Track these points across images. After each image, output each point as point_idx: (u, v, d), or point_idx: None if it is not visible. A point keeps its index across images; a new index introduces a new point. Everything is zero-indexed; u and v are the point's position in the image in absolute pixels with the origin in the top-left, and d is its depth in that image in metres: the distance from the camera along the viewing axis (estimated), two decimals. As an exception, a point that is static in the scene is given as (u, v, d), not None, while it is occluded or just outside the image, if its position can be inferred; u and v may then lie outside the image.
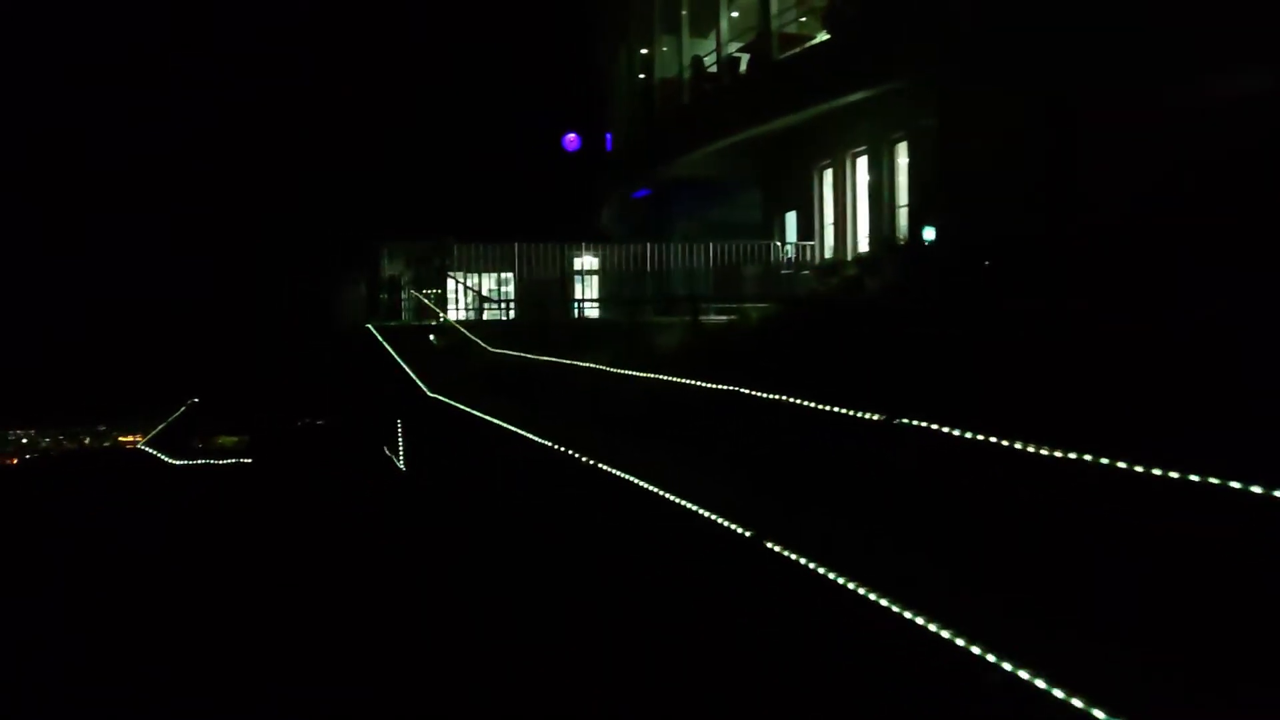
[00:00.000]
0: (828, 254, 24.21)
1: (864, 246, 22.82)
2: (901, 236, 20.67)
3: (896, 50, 18.77)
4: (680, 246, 26.07)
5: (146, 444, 27.85)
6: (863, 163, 22.73)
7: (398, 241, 25.77)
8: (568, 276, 27.12)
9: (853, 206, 23.37)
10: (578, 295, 27.06)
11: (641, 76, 30.98)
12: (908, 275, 18.90)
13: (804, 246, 25.17)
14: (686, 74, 27.68)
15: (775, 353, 13.95)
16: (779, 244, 25.97)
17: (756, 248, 25.63)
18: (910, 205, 20.89)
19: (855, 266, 22.34)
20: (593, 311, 26.50)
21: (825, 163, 24.26)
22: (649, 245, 26.57)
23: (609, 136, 33.76)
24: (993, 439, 6.03)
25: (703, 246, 25.65)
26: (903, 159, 21.19)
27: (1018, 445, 5.82)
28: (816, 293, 21.66)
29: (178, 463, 25.98)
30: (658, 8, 28.95)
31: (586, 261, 27.87)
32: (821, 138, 23.33)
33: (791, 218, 26.00)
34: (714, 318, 22.23)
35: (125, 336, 52.83)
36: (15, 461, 48.35)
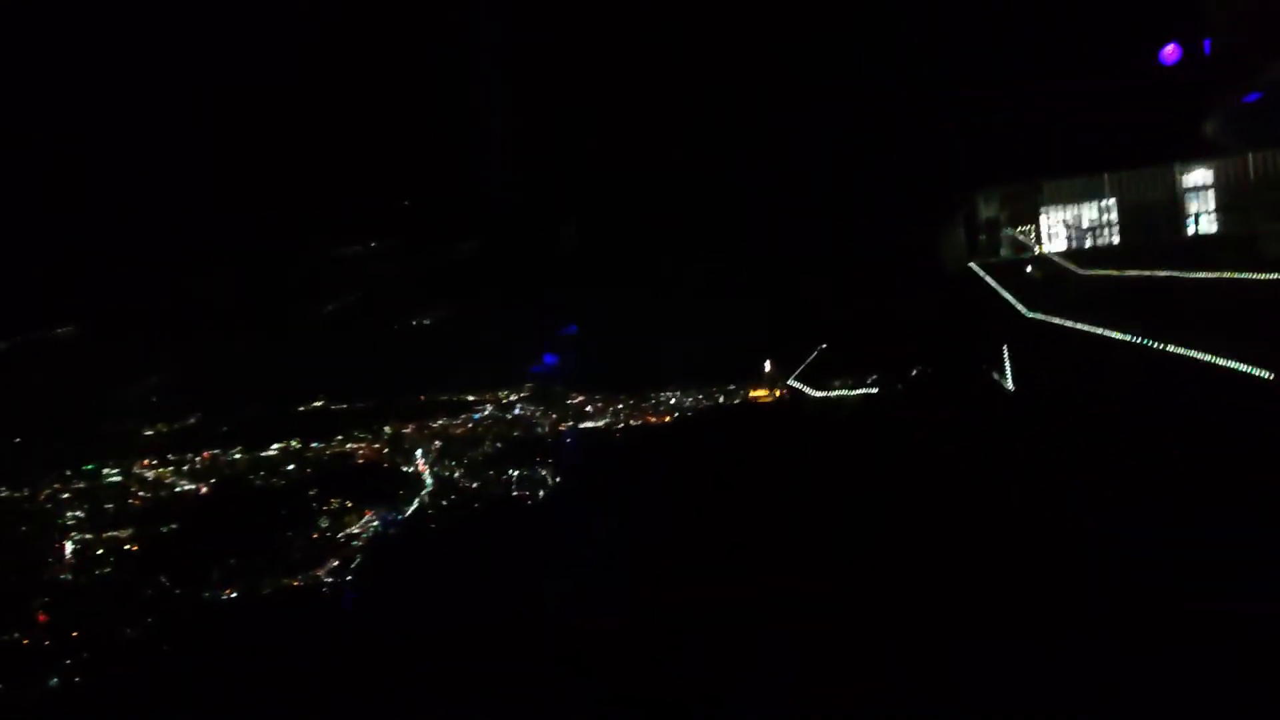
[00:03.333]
0: None
1: None
2: None
3: None
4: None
5: (794, 380, 33.77)
6: None
7: (991, 186, 28.31)
8: (1175, 195, 27.32)
9: None
10: (1191, 210, 27.23)
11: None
12: None
13: None
14: (1289, -36, 25.91)
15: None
16: None
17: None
18: None
19: None
20: (1208, 227, 26.56)
21: None
22: (1263, 154, 25.67)
23: (1207, 43, 32.16)
24: None
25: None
26: None
27: None
28: None
29: (818, 394, 31.38)
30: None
31: (1196, 178, 27.72)
32: None
33: None
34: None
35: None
36: (668, 419, 58.31)
